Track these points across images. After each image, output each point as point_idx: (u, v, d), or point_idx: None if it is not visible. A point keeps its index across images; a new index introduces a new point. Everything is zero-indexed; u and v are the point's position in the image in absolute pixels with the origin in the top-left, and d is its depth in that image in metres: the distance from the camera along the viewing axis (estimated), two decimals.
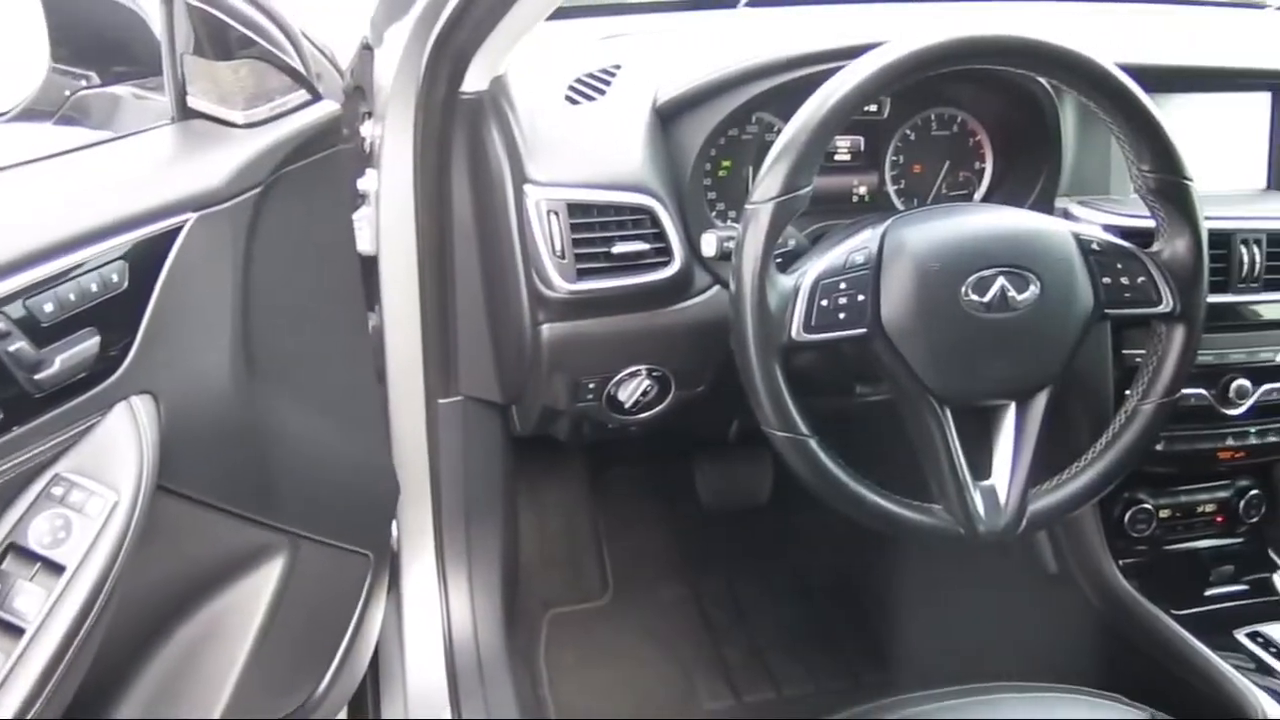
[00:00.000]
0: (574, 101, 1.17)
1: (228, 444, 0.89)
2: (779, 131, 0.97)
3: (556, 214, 1.08)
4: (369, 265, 1.18)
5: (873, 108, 1.27)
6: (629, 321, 1.14)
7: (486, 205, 1.14)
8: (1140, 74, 0.99)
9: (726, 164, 1.24)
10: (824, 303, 0.97)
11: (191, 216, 0.83)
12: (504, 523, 1.38)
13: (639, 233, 1.11)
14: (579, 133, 1.14)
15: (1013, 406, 1.02)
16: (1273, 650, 1.24)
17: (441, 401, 1.24)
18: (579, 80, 1.19)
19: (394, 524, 1.28)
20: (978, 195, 1.32)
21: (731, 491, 1.81)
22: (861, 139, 1.29)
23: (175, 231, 0.82)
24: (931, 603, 1.69)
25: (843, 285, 0.97)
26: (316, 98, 0.97)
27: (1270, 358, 1.30)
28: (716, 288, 1.17)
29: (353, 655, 1.18)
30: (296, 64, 0.95)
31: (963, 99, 1.30)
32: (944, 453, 1.00)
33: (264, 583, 0.98)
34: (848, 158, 1.29)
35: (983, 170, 1.32)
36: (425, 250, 1.16)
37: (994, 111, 1.30)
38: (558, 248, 1.09)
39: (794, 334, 0.96)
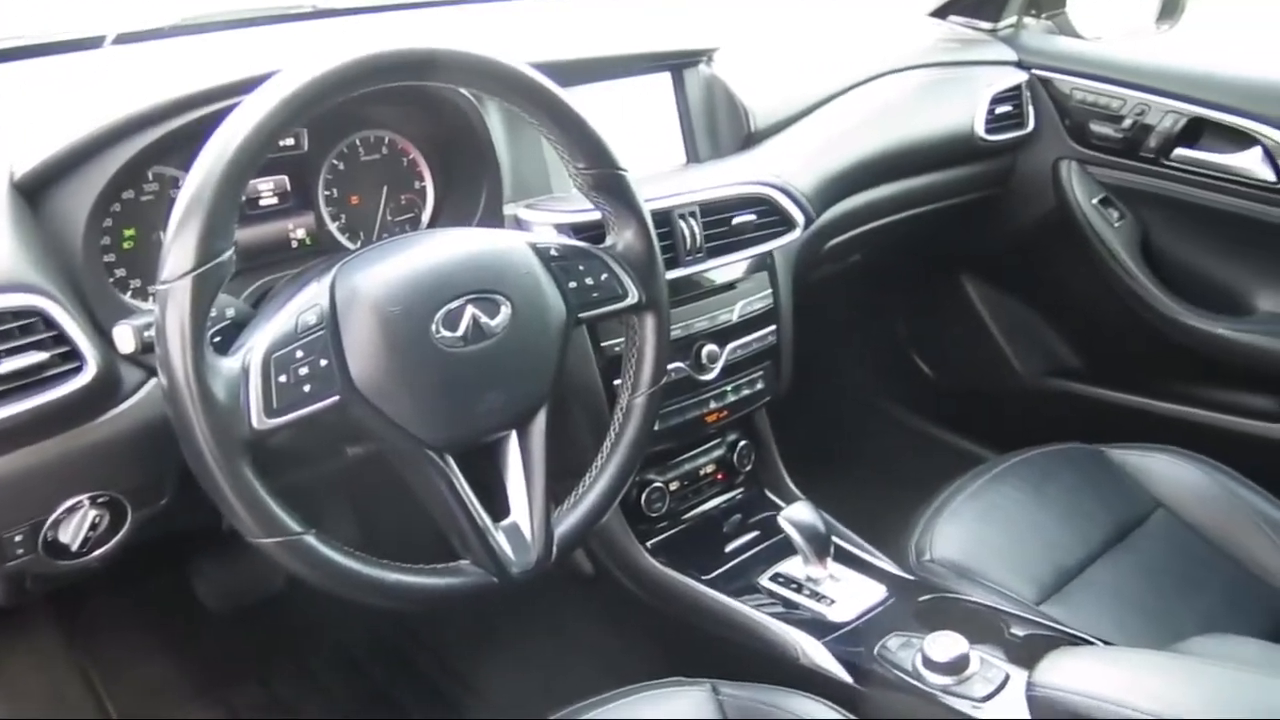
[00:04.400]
0: None
1: None
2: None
3: None
4: None
5: (289, 142, 1.14)
6: (47, 450, 0.91)
7: None
8: (551, 70, 0.97)
9: (130, 233, 1.04)
10: (282, 379, 0.83)
11: None
12: None
13: (30, 341, 0.88)
14: None
15: (514, 435, 0.96)
16: (793, 586, 1.31)
17: None
18: None
19: None
20: (425, 216, 1.25)
21: (239, 587, 1.60)
22: (286, 178, 1.15)
23: None
24: (492, 639, 1.63)
25: (299, 354, 0.84)
26: None
27: (728, 319, 1.37)
28: (153, 380, 0.97)
29: None
30: None
31: (386, 119, 1.21)
32: (456, 504, 0.92)
33: None
34: (275, 201, 1.14)
35: (424, 189, 1.25)
36: None
37: (421, 128, 1.23)
38: None
39: (255, 423, 0.82)
